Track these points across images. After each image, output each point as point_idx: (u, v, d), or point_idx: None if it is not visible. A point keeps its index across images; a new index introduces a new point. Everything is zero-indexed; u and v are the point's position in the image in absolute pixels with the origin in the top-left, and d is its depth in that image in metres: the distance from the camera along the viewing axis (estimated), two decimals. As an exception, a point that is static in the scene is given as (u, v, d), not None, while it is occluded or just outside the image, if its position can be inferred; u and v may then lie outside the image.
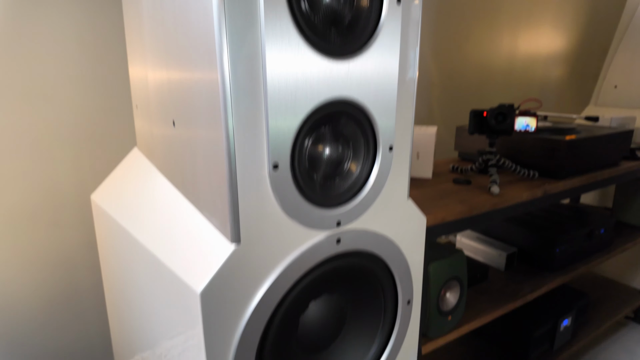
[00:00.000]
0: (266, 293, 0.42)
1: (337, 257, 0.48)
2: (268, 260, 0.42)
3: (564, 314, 1.29)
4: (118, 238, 0.68)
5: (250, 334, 0.42)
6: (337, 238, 0.46)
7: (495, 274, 1.22)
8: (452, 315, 0.94)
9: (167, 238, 0.49)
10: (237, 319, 0.41)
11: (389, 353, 0.57)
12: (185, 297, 0.41)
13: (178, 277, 0.42)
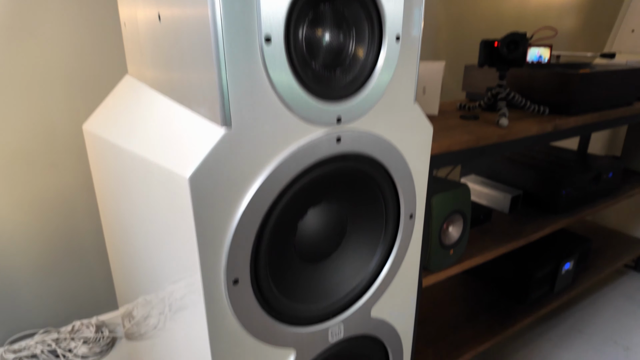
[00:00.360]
0: (261, 186, 0.40)
1: (337, 158, 0.45)
2: (262, 151, 0.39)
3: (566, 258, 1.28)
4: (110, 158, 0.65)
5: (244, 231, 0.40)
6: (337, 136, 0.44)
7: (499, 216, 1.21)
8: (454, 250, 0.93)
9: (158, 141, 0.46)
10: (230, 212, 0.39)
11: (389, 268, 0.55)
12: (176, 189, 0.39)
13: (168, 170, 0.40)
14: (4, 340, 1.27)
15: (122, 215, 0.73)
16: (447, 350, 1.09)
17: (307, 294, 0.49)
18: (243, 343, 0.44)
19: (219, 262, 0.40)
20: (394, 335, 0.61)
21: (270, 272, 0.44)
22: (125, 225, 0.73)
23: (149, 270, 0.61)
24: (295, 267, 0.49)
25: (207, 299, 0.40)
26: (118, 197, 0.72)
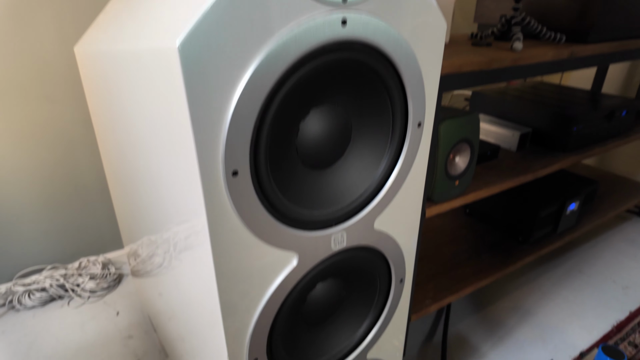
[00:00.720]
0: (259, 66, 0.36)
1: (343, 45, 0.42)
2: (260, 25, 0.36)
3: (572, 198, 1.26)
4: (102, 69, 0.62)
5: (242, 117, 0.37)
6: (343, 18, 0.40)
7: (506, 154, 1.18)
8: (460, 181, 0.91)
9: (147, 29, 0.43)
10: (226, 92, 0.36)
11: (395, 178, 0.53)
12: (167, 68, 0.36)
13: (157, 49, 0.36)
14: (12, 275, 1.30)
15: (120, 139, 0.71)
16: (448, 284, 1.10)
17: (311, 200, 0.47)
18: (245, 241, 0.43)
19: (216, 151, 0.38)
20: (396, 251, 0.60)
21: (272, 172, 0.42)
22: (125, 150, 0.71)
23: (151, 190, 0.60)
24: (298, 172, 0.47)
25: (206, 191, 0.39)
26: (114, 117, 0.69)
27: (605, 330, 1.15)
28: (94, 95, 0.82)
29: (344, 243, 0.52)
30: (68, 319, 1.22)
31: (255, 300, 0.47)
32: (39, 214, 1.27)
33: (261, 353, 0.51)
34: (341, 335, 0.62)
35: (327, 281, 0.58)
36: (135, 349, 1.11)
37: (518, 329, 1.16)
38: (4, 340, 1.15)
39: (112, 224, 1.41)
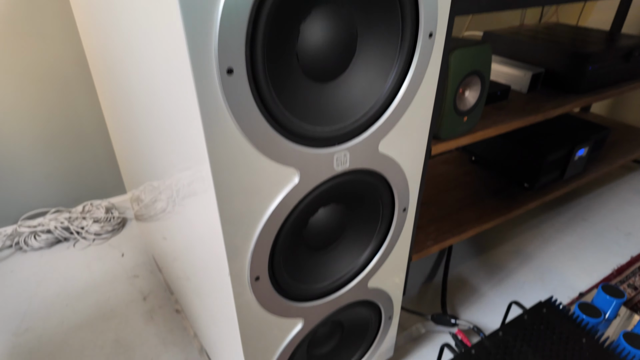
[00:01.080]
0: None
1: None
2: None
3: (581, 143, 1.23)
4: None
5: (237, 8, 0.34)
6: None
7: (516, 95, 1.14)
8: (468, 117, 0.88)
9: None
10: None
11: (404, 94, 0.50)
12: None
13: None
14: (17, 217, 1.31)
15: (114, 71, 0.67)
16: (450, 227, 1.10)
17: (313, 114, 0.45)
18: (243, 153, 0.41)
19: (209, 47, 0.35)
20: (401, 178, 0.59)
21: (271, 78, 0.40)
22: (121, 83, 0.67)
23: (150, 123, 0.57)
24: (299, 83, 0.44)
25: (200, 91, 0.36)
26: (106, 46, 0.65)
27: (606, 274, 1.16)
28: (85, 24, 0.78)
29: (347, 164, 0.50)
30: (74, 260, 1.24)
31: (256, 217, 0.46)
32: (38, 157, 1.26)
33: (263, 271, 0.51)
34: (343, 262, 0.61)
35: (329, 206, 0.56)
36: (141, 288, 1.14)
37: (518, 272, 1.18)
38: (12, 278, 1.18)
39: (114, 168, 1.40)
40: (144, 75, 0.49)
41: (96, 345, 0.97)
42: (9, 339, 0.99)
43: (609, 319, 0.94)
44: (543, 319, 0.78)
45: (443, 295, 1.06)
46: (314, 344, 0.70)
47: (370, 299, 0.69)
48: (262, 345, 0.58)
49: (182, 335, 1.00)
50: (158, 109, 0.49)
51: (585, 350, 0.73)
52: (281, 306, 0.56)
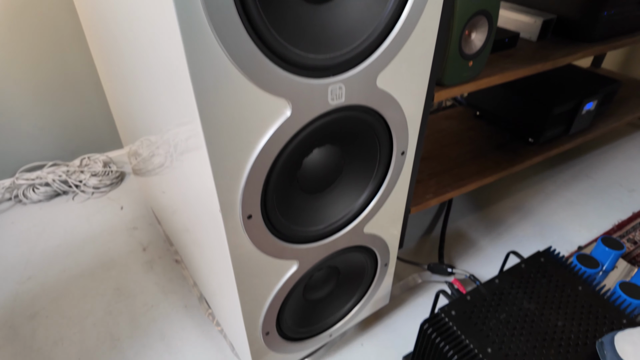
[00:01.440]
0: None
1: None
2: None
3: (590, 97, 1.19)
4: None
5: None
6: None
7: (525, 43, 1.08)
8: (474, 62, 0.84)
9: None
10: None
11: (405, 19, 0.47)
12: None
13: None
14: (15, 170, 1.30)
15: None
16: (451, 181, 1.09)
17: (305, 39, 0.42)
18: (231, 80, 0.39)
19: None
20: (400, 117, 0.56)
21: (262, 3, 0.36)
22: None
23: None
24: (291, 0, 0.40)
25: (180, 16, 0.33)
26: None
27: (606, 229, 1.15)
28: None
29: (342, 98, 0.48)
30: (74, 212, 1.24)
31: (246, 152, 0.44)
32: (33, 109, 1.23)
33: (255, 210, 0.49)
34: (339, 206, 0.60)
35: (324, 147, 0.54)
36: (140, 239, 1.15)
37: (518, 226, 1.17)
38: (14, 229, 1.19)
39: (110, 123, 1.38)
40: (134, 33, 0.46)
41: (97, 292, 0.99)
42: (12, 287, 1.01)
43: (606, 270, 0.94)
44: (540, 268, 0.78)
45: (441, 246, 1.06)
46: (310, 288, 0.71)
47: (366, 245, 0.69)
48: (256, 286, 0.58)
49: (181, 284, 1.01)
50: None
51: (581, 297, 0.73)
52: (275, 247, 0.55)
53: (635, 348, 0.58)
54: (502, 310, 0.70)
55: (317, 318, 0.74)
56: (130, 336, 0.89)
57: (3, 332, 0.91)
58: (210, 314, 0.93)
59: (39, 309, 0.95)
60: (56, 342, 0.88)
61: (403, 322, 0.91)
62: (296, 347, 0.73)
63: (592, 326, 0.68)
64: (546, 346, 0.65)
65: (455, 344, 0.66)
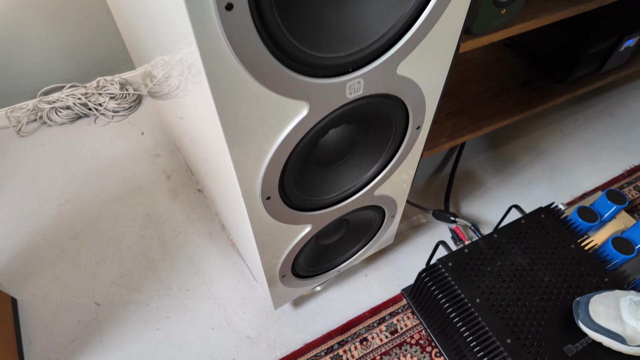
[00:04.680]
0: None
1: None
2: None
3: (633, 32, 1.09)
4: None
5: None
6: None
7: (572, -28, 0.96)
8: (507, 9, 0.77)
9: None
10: None
11: (431, 9, 0.44)
12: None
13: None
14: (35, 92, 1.32)
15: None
16: (467, 122, 1.07)
17: (323, 39, 0.40)
18: (247, 89, 0.39)
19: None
20: (418, 97, 0.55)
21: (276, 4, 0.34)
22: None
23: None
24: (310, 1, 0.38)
25: (195, 27, 0.32)
26: None
27: (616, 174, 1.16)
28: None
29: (360, 91, 0.47)
30: (97, 136, 1.30)
31: (264, 149, 0.46)
32: (45, 31, 1.19)
33: (273, 192, 0.53)
34: (351, 176, 0.63)
35: (340, 127, 0.55)
36: (163, 167, 1.21)
37: (528, 168, 1.19)
38: (44, 151, 1.26)
39: (121, 41, 1.34)
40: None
41: (128, 217, 1.09)
42: (53, 208, 1.12)
43: (604, 221, 0.99)
44: (539, 224, 0.83)
45: (448, 189, 1.10)
46: (322, 236, 0.78)
47: (376, 204, 0.73)
48: (274, 243, 0.65)
49: (205, 213, 1.10)
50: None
51: (571, 254, 0.79)
52: (291, 216, 0.60)
53: (607, 310, 0.66)
54: (495, 264, 0.78)
55: (327, 259, 0.83)
56: (162, 259, 1.01)
57: (52, 249, 1.04)
58: (232, 241, 1.03)
59: (79, 231, 1.07)
60: (99, 261, 1.01)
61: (405, 257, 1.01)
62: (308, 282, 0.84)
63: (575, 283, 0.75)
64: (529, 299, 0.73)
65: (448, 292, 0.75)
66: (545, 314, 0.72)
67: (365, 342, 0.88)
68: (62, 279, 0.98)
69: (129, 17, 0.72)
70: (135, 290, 0.96)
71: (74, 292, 0.96)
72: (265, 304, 0.93)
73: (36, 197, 1.14)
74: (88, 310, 0.93)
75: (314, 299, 0.94)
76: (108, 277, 0.98)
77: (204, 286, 0.96)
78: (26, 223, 1.08)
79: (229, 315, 0.92)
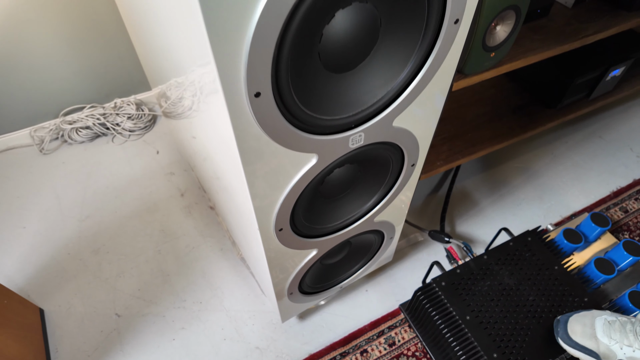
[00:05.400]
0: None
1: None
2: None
3: (618, 63, 1.16)
4: None
5: (264, 35, 0.36)
6: None
7: (559, 10, 1.04)
8: (496, 52, 0.84)
9: None
10: (246, 12, 0.34)
11: (422, 77, 0.52)
12: None
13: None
14: (57, 112, 1.40)
15: (136, 9, 0.66)
16: (462, 147, 1.15)
17: (332, 105, 0.48)
18: (270, 149, 0.47)
19: (238, 76, 0.38)
20: (412, 141, 0.63)
21: (294, 86, 0.42)
22: (141, 21, 0.67)
23: (169, 63, 0.60)
24: (320, 77, 0.46)
25: (232, 112, 0.40)
26: None
27: (603, 195, 1.23)
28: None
29: (361, 142, 0.55)
30: (115, 155, 1.38)
31: (279, 191, 0.54)
32: (67, 55, 1.28)
33: (285, 224, 0.61)
34: (353, 206, 0.71)
35: (343, 167, 0.63)
36: (178, 185, 1.29)
37: (521, 189, 1.26)
38: (65, 169, 1.34)
39: (138, 64, 1.42)
40: (172, 44, 0.51)
41: (146, 233, 1.17)
42: (75, 224, 1.20)
43: (589, 241, 1.06)
44: (526, 246, 0.90)
45: (444, 210, 1.18)
46: (326, 257, 0.85)
47: (376, 229, 0.81)
48: (284, 266, 0.72)
49: (216, 229, 1.18)
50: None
51: (554, 275, 0.86)
52: (299, 243, 0.68)
53: (584, 328, 0.73)
54: (485, 283, 0.85)
55: (331, 277, 0.91)
56: (177, 273, 1.09)
57: (76, 263, 1.12)
58: (241, 257, 1.11)
59: (100, 245, 1.15)
60: (119, 275, 1.09)
61: (403, 274, 1.08)
62: (313, 297, 0.91)
63: (557, 302, 0.82)
64: (515, 317, 0.80)
65: (441, 310, 0.82)
66: (530, 330, 0.79)
67: (366, 354, 0.95)
68: (85, 291, 1.06)
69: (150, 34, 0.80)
70: (152, 303, 1.04)
71: (96, 303, 1.04)
72: (273, 317, 1.00)
73: (59, 213, 1.22)
74: (109, 320, 1.01)
75: (319, 312, 1.02)
76: (127, 289, 1.06)
77: (216, 299, 1.04)
78: (51, 238, 1.16)
79: (239, 327, 0.99)
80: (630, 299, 0.89)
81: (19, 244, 1.15)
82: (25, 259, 1.12)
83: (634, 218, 1.18)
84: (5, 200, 1.25)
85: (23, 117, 1.35)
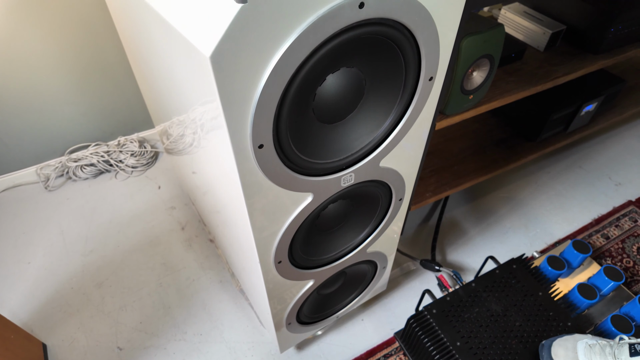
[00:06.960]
0: (281, 59, 0.40)
1: (359, 25, 0.43)
2: (280, 24, 0.38)
3: (591, 100, 1.26)
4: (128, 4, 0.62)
5: (266, 102, 0.43)
6: (360, 2, 0.41)
7: (532, 54, 1.14)
8: (474, 95, 0.93)
9: (175, 3, 0.44)
10: (253, 83, 0.41)
11: (403, 125, 0.59)
12: (199, 63, 0.40)
13: (190, 44, 0.40)
14: (63, 150, 1.46)
15: (144, 55, 0.74)
16: (450, 178, 1.22)
17: (325, 151, 0.55)
18: (271, 190, 0.53)
19: (245, 132, 0.44)
20: (399, 179, 0.70)
21: (292, 138, 0.49)
22: (148, 63, 0.75)
23: (174, 104, 0.67)
24: (314, 129, 0.52)
25: (238, 161, 0.47)
26: (138, 39, 0.71)
27: (585, 223, 1.30)
28: (116, 9, 0.81)
29: (352, 181, 0.62)
30: (118, 190, 1.43)
31: (278, 225, 0.60)
32: (74, 97, 1.36)
33: (284, 257, 0.66)
34: (346, 238, 0.76)
35: (337, 202, 0.69)
36: (179, 219, 1.34)
37: (506, 218, 1.32)
38: (70, 205, 1.39)
39: (142, 104, 1.50)
40: (179, 98, 0.58)
41: (148, 266, 1.21)
42: (79, 259, 1.23)
43: (573, 268, 1.11)
44: (512, 274, 0.96)
45: (434, 240, 1.23)
46: (323, 287, 0.90)
47: (369, 259, 0.86)
48: (282, 297, 0.77)
49: (216, 262, 1.22)
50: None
51: (539, 301, 0.91)
52: (297, 274, 0.73)
53: (566, 352, 0.77)
54: (473, 310, 0.89)
55: (328, 306, 0.95)
56: (178, 305, 1.12)
57: (79, 297, 1.15)
58: (240, 288, 1.15)
59: (103, 279, 1.18)
60: (121, 308, 1.12)
61: (397, 302, 1.12)
62: (311, 327, 0.95)
63: (542, 327, 0.87)
64: (503, 342, 0.85)
65: (433, 337, 0.86)
66: (517, 355, 0.83)
67: (362, 382, 0.98)
68: (88, 325, 1.09)
69: (154, 75, 0.87)
70: (154, 335, 1.06)
71: (99, 337, 1.06)
72: (271, 348, 1.03)
73: (63, 247, 1.26)
74: (112, 354, 1.03)
75: (316, 342, 1.05)
76: (130, 322, 1.09)
77: (217, 331, 1.07)
78: (55, 272, 1.20)
79: (239, 358, 1.02)
80: (612, 322, 0.94)
81: (24, 278, 1.18)
82: (29, 293, 1.15)
83: (615, 244, 1.24)
84: (12, 236, 1.29)
85: (31, 155, 1.41)
